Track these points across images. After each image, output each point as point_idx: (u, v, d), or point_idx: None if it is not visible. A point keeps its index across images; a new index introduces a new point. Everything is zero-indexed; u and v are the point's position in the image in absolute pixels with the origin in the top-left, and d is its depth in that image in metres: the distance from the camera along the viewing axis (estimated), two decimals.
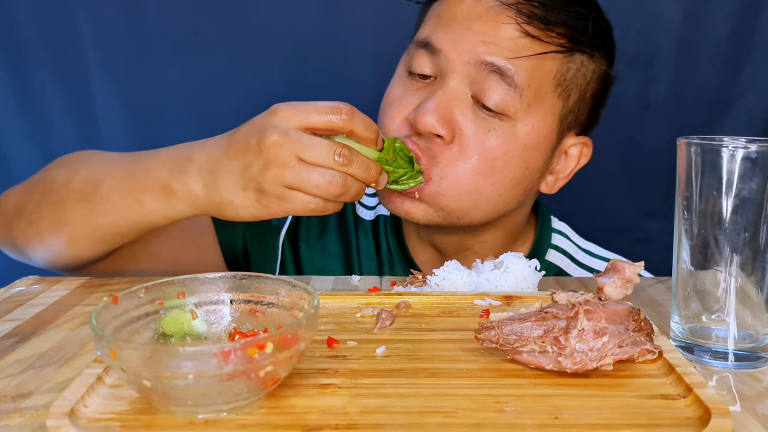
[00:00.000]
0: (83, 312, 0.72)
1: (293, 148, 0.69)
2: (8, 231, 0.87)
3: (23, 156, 1.42)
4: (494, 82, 0.80)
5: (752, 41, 1.37)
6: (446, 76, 0.82)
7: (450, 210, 0.83)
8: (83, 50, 1.37)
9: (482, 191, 0.83)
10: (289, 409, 0.47)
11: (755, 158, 0.55)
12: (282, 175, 0.69)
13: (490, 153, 0.81)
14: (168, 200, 0.76)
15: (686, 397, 0.48)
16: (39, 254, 0.85)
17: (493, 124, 0.81)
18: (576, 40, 0.84)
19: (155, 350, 0.47)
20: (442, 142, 0.81)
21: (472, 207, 0.84)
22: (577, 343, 0.52)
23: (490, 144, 0.81)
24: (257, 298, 0.56)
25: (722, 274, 0.58)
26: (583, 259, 0.99)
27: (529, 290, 0.71)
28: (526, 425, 0.45)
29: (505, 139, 0.82)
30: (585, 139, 0.91)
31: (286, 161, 0.69)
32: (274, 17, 1.38)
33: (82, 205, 0.80)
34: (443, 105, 0.81)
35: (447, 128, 0.80)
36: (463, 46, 0.82)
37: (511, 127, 0.82)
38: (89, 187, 0.80)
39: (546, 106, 0.84)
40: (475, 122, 0.81)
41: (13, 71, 1.38)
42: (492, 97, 0.80)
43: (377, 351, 0.56)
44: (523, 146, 0.83)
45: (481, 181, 0.82)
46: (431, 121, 0.80)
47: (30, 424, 0.48)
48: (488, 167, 0.82)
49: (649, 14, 1.38)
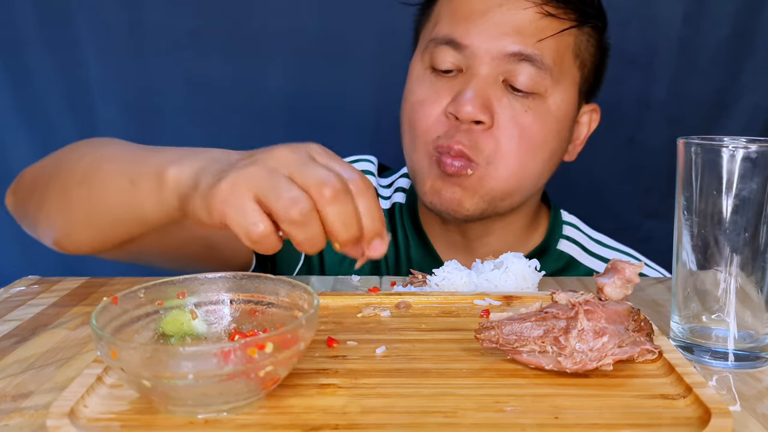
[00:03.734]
0: (83, 312, 0.72)
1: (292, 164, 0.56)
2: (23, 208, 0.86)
3: (23, 155, 1.41)
4: (524, 67, 0.85)
5: (752, 41, 1.37)
6: (476, 67, 0.86)
7: (497, 193, 0.87)
8: (83, 50, 1.37)
9: (527, 169, 0.88)
10: (289, 409, 0.47)
11: (755, 158, 0.55)
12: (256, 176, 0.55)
13: (530, 131, 0.86)
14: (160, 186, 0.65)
15: (686, 397, 0.48)
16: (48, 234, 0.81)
17: (527, 104, 0.86)
18: (586, 13, 0.89)
19: (155, 350, 0.47)
20: (483, 129, 0.85)
21: (518, 187, 0.89)
22: (577, 343, 0.52)
23: (528, 122, 0.86)
24: (257, 298, 0.56)
25: (722, 274, 0.58)
26: (594, 249, 1.01)
27: (529, 290, 0.71)
28: (526, 425, 0.45)
29: (541, 116, 0.87)
30: (593, 106, 0.97)
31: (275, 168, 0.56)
32: (274, 17, 1.38)
33: (83, 187, 0.75)
34: (480, 93, 0.85)
35: (487, 114, 0.84)
36: (489, 39, 0.85)
37: (544, 103, 0.87)
38: (92, 168, 0.76)
39: (569, 78, 0.89)
40: (510, 105, 0.86)
41: (13, 71, 1.38)
42: (523, 80, 0.85)
43: (377, 351, 0.56)
44: (556, 120, 0.88)
45: (526, 159, 0.87)
46: (471, 110, 0.83)
47: (30, 424, 0.48)
48: (530, 145, 0.87)
49: (649, 14, 1.38)
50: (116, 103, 1.40)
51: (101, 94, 1.40)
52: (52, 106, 1.40)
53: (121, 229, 0.76)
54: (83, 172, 0.77)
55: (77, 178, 0.77)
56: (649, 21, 1.38)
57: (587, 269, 0.98)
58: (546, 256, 0.98)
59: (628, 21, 1.38)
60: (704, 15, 1.36)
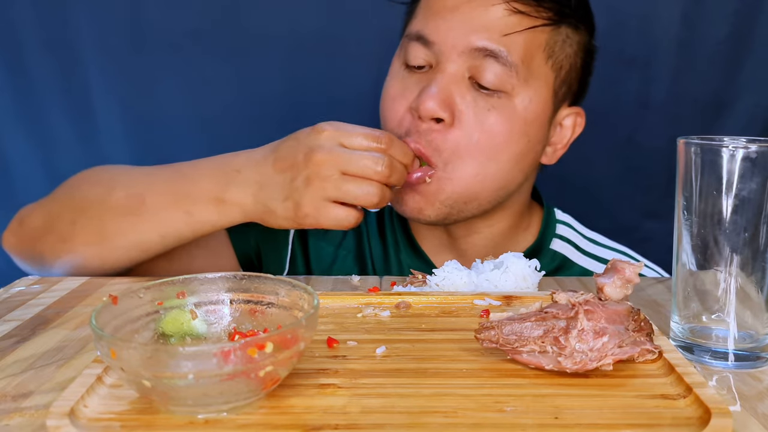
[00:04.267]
0: (83, 312, 0.72)
1: (337, 163, 0.76)
2: (33, 249, 0.89)
3: (23, 156, 1.42)
4: (489, 63, 0.83)
5: (751, 42, 1.37)
6: (443, 63, 0.85)
7: (458, 197, 0.86)
8: (83, 51, 1.37)
9: (488, 171, 0.86)
10: (289, 409, 0.47)
11: (755, 158, 0.55)
12: (323, 188, 0.76)
13: (491, 131, 0.84)
14: (220, 210, 0.81)
15: (686, 397, 0.48)
16: (68, 268, 0.86)
17: (492, 103, 0.84)
18: (561, 12, 0.87)
19: (155, 350, 0.47)
20: (443, 127, 0.84)
21: (480, 189, 0.86)
22: (577, 343, 0.52)
23: (490, 122, 0.84)
24: (257, 298, 0.56)
25: (722, 274, 0.58)
26: (588, 248, 1.00)
27: (529, 290, 0.71)
28: (526, 425, 0.45)
29: (506, 116, 0.84)
30: (578, 109, 0.94)
31: (329, 175, 0.76)
32: (274, 17, 1.38)
33: (127, 219, 0.83)
34: (443, 89, 0.84)
35: (447, 111, 0.83)
36: (455, 35, 0.84)
37: (510, 103, 0.85)
38: (133, 202, 0.83)
39: (540, 78, 0.87)
40: (474, 103, 0.84)
41: (13, 71, 1.38)
42: (488, 77, 0.84)
43: (377, 351, 0.56)
44: (524, 120, 0.86)
45: (485, 160, 0.85)
46: (432, 106, 0.82)
47: (30, 424, 0.48)
48: (491, 146, 0.85)
49: (648, 15, 1.38)
50: (116, 103, 1.40)
51: (101, 94, 1.39)
52: (52, 106, 1.40)
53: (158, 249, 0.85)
54: (121, 207, 0.83)
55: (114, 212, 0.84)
56: (647, 21, 1.38)
57: (581, 269, 0.98)
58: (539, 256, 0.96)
59: (627, 21, 1.38)
60: (703, 15, 1.36)
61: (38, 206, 0.92)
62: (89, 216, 0.84)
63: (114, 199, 0.84)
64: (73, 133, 1.40)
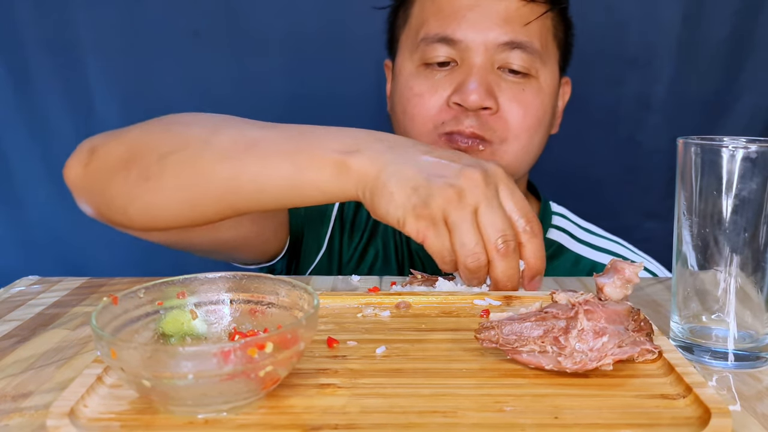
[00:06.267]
0: (83, 312, 0.72)
1: (482, 197, 0.65)
2: (105, 185, 0.78)
3: (23, 156, 1.42)
4: (516, 54, 0.92)
5: (752, 42, 1.37)
6: (471, 58, 0.92)
7: (510, 169, 0.91)
8: (83, 51, 1.38)
9: (534, 143, 0.95)
10: (289, 409, 0.47)
11: (755, 158, 0.55)
12: (452, 206, 0.65)
13: (531, 107, 0.93)
14: (339, 174, 0.70)
15: (686, 397, 0.48)
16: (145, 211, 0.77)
17: (523, 85, 0.93)
18: None
19: (155, 350, 0.47)
20: (490, 113, 0.91)
21: (525, 161, 0.96)
22: (577, 343, 0.52)
23: (528, 100, 0.93)
24: (257, 298, 0.56)
25: (722, 274, 0.58)
26: (583, 236, 1.05)
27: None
28: (526, 425, 0.45)
29: (537, 93, 0.94)
30: (566, 79, 1.05)
31: (467, 201, 0.65)
32: (274, 17, 1.38)
33: (229, 162, 0.73)
34: (482, 82, 0.90)
35: (491, 99, 0.90)
36: (481, 31, 0.91)
37: (536, 82, 0.94)
38: (240, 146, 0.73)
39: (552, 57, 0.97)
40: (509, 88, 0.92)
41: (13, 71, 1.38)
42: (517, 64, 0.92)
43: (377, 351, 0.56)
44: (549, 95, 0.96)
45: (533, 134, 0.94)
46: (477, 98, 0.89)
47: (30, 424, 0.48)
48: (534, 120, 0.94)
49: (648, 15, 1.38)
50: (116, 103, 1.40)
51: (101, 94, 1.40)
52: (52, 106, 1.40)
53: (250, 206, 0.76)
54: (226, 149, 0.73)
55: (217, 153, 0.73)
56: (648, 21, 1.38)
57: (576, 255, 1.02)
58: None
59: (628, 21, 1.38)
60: (704, 15, 1.36)
61: (117, 135, 0.81)
62: (187, 154, 0.74)
63: (218, 140, 0.74)
64: (73, 133, 1.40)
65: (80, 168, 0.80)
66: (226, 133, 0.75)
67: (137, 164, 0.76)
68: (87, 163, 0.80)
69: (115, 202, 0.78)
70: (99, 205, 0.80)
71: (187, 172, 0.74)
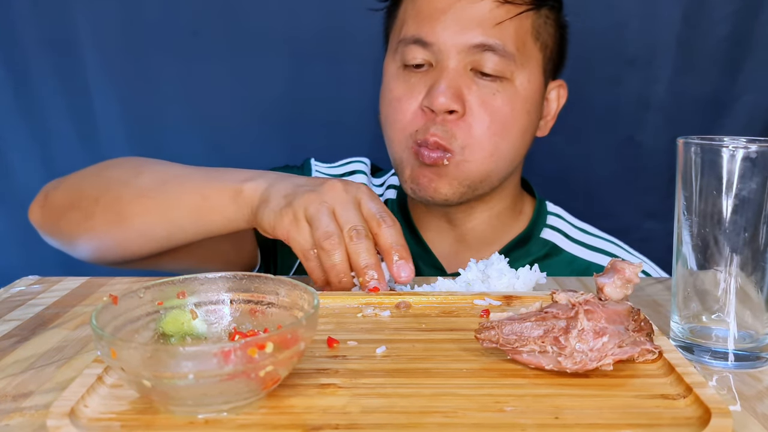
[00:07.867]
0: (83, 312, 0.72)
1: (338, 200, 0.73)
2: (58, 223, 0.89)
3: (23, 156, 1.42)
4: (488, 56, 0.91)
5: (751, 41, 1.37)
6: (444, 61, 0.91)
7: (474, 177, 0.93)
8: (83, 51, 1.37)
9: (501, 149, 0.93)
10: (289, 409, 0.47)
11: (755, 158, 0.55)
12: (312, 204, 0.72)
13: (500, 113, 0.92)
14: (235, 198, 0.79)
15: (686, 397, 0.48)
16: (87, 248, 0.87)
17: (495, 88, 0.92)
18: None
19: (155, 350, 0.47)
20: (456, 117, 0.90)
21: (494, 167, 0.94)
22: (577, 343, 0.52)
23: (498, 105, 0.92)
24: (257, 298, 0.56)
25: (722, 274, 0.58)
26: (577, 236, 1.05)
27: (526, 290, 0.71)
28: (526, 425, 0.45)
29: (509, 98, 0.92)
30: (560, 82, 1.03)
31: (324, 200, 0.72)
32: (274, 17, 1.38)
33: (144, 201, 0.83)
34: (450, 85, 0.90)
35: (458, 103, 0.90)
36: (452, 35, 0.91)
37: (511, 86, 0.92)
38: (154, 185, 0.83)
39: (532, 60, 0.95)
40: (480, 91, 0.91)
41: (13, 71, 1.38)
42: (489, 66, 0.91)
43: (377, 351, 0.56)
44: (524, 99, 0.94)
45: (498, 140, 0.92)
46: (444, 101, 0.89)
47: (30, 424, 0.48)
48: (501, 126, 0.92)
49: (648, 14, 1.38)
50: (116, 103, 1.40)
51: (100, 94, 1.39)
52: (52, 106, 1.40)
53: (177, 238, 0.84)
54: (145, 188, 0.84)
55: (135, 193, 0.84)
56: (648, 21, 1.38)
57: (570, 255, 1.02)
58: (530, 242, 1.03)
59: (628, 21, 1.38)
60: (703, 15, 1.36)
61: (65, 181, 0.92)
62: (112, 195, 0.85)
63: (138, 181, 0.85)
64: (73, 133, 1.40)
65: (38, 209, 0.93)
66: (146, 173, 0.85)
67: (77, 207, 0.87)
68: (42, 206, 0.93)
69: (66, 241, 0.89)
70: (56, 242, 0.92)
71: (114, 212, 0.85)
